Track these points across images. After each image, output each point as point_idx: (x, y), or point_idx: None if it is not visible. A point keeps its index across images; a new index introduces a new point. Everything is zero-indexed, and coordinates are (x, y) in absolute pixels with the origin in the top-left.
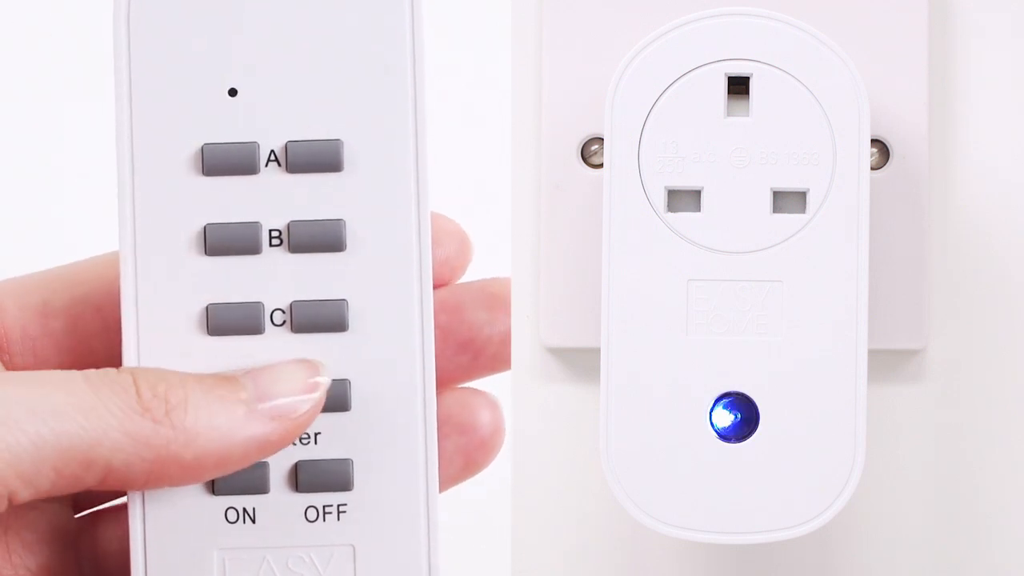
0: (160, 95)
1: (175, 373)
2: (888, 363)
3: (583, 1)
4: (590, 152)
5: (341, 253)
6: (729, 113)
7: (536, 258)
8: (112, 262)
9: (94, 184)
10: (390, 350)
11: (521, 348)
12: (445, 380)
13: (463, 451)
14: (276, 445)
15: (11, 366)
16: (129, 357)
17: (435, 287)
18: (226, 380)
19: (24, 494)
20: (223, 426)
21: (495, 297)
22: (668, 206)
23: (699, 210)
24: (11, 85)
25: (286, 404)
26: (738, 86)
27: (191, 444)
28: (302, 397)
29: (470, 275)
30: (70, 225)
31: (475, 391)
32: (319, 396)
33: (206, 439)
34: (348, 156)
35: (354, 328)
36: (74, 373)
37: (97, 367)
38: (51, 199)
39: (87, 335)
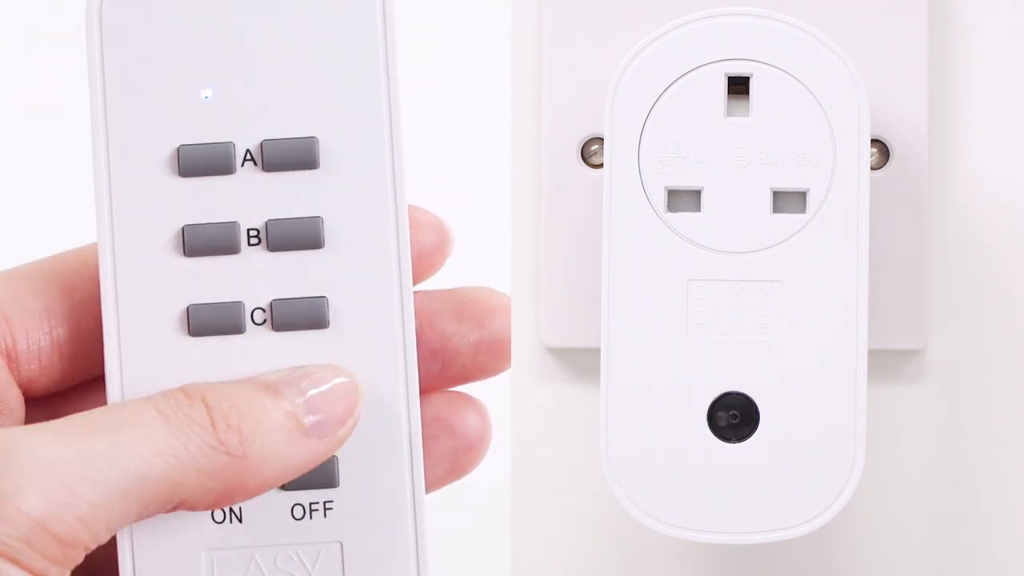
0: (134, 97)
1: (237, 390)
2: (888, 363)
3: (583, 1)
4: (590, 152)
5: (319, 250)
6: (729, 113)
7: (536, 258)
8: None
9: (71, 188)
10: (371, 346)
11: (521, 348)
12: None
13: (450, 454)
14: (324, 458)
15: (18, 374)
16: (111, 360)
17: (414, 280)
18: (279, 396)
19: (106, 537)
20: (285, 452)
21: (466, 307)
22: (668, 206)
23: (699, 210)
24: None
25: (334, 422)
26: (738, 86)
27: (258, 473)
28: (347, 414)
29: (468, 278)
30: (47, 229)
31: (463, 395)
32: (360, 408)
33: (271, 467)
34: (324, 153)
35: (334, 325)
36: (147, 408)
37: (94, 371)
38: (26, 203)
39: (86, 341)
